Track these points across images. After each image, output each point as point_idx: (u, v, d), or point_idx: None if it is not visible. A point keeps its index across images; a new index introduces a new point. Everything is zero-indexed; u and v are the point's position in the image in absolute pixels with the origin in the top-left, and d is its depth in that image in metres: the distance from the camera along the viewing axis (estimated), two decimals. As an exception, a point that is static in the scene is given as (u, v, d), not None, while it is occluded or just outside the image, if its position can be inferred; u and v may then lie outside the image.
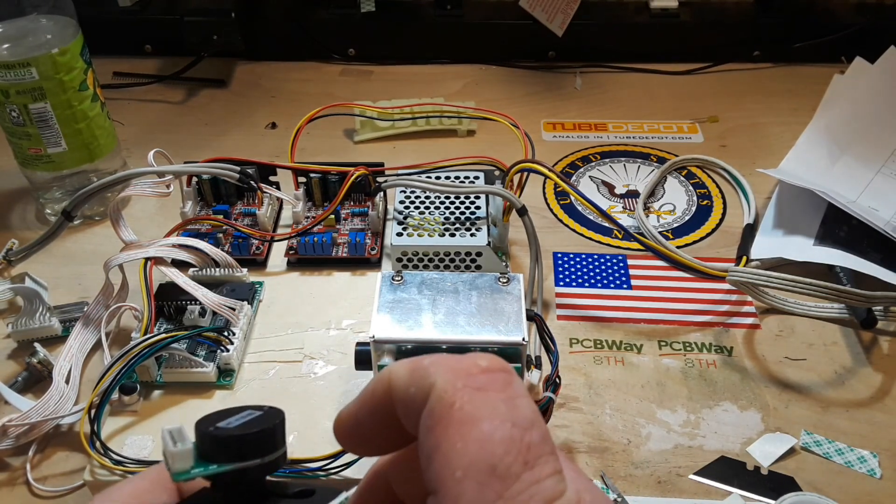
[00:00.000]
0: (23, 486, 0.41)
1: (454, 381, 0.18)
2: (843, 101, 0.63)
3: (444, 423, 0.17)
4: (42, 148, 0.55)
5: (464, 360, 0.18)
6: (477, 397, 0.17)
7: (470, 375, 0.18)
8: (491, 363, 0.18)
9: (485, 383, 0.18)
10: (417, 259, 0.51)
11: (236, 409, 0.20)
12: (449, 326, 0.39)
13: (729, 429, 0.43)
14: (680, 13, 0.79)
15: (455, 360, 0.18)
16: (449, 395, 0.17)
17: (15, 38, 0.52)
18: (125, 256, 0.47)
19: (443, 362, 0.18)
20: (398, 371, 0.19)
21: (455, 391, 0.17)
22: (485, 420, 0.17)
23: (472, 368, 0.18)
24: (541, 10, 0.76)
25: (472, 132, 0.69)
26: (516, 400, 0.17)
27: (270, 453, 0.19)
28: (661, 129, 0.70)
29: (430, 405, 0.18)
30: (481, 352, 0.19)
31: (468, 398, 0.17)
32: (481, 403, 0.17)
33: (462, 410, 0.17)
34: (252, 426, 0.19)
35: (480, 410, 0.17)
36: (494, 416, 0.17)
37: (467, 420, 0.17)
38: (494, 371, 0.18)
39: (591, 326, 0.50)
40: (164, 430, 0.19)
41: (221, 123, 0.71)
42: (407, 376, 0.19)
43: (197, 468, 0.19)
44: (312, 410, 0.43)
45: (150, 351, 0.42)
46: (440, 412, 0.17)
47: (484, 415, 0.17)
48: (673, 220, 0.59)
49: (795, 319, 0.50)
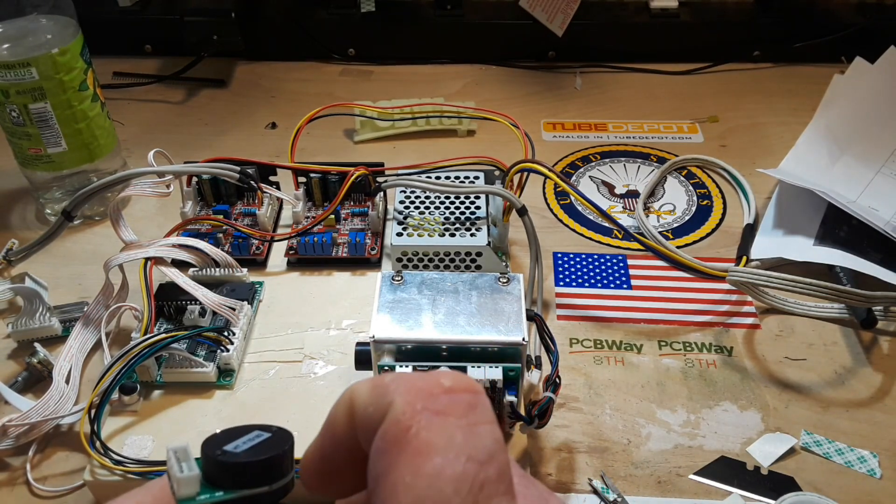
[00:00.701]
0: (23, 486, 0.41)
1: (413, 402, 0.16)
2: (843, 101, 0.62)
3: (396, 449, 0.16)
4: (42, 148, 0.55)
5: (427, 379, 0.17)
6: (434, 423, 0.16)
7: (431, 396, 0.17)
8: (455, 383, 0.17)
9: (446, 406, 0.16)
10: (417, 259, 0.51)
11: (244, 429, 0.19)
12: (449, 326, 0.39)
13: (729, 429, 0.43)
14: (680, 13, 0.79)
15: (418, 378, 0.17)
16: (406, 417, 0.16)
17: (15, 38, 0.52)
18: (125, 256, 0.47)
19: (404, 380, 0.17)
20: (359, 389, 0.18)
21: (413, 413, 0.16)
22: (439, 452, 0.16)
23: (435, 388, 0.17)
24: (541, 10, 0.76)
25: (472, 132, 0.69)
26: (477, 427, 0.16)
27: (278, 480, 0.19)
28: (661, 129, 0.70)
29: (385, 426, 0.16)
30: (446, 370, 0.18)
31: (425, 423, 0.16)
32: (438, 430, 0.16)
33: (417, 437, 0.16)
34: (260, 452, 0.19)
35: (436, 439, 0.16)
36: (450, 447, 0.16)
37: (421, 450, 0.16)
38: (458, 392, 0.17)
39: (591, 326, 0.50)
40: (170, 450, 0.18)
41: (221, 123, 0.71)
42: (366, 395, 0.17)
43: (203, 495, 0.18)
44: (312, 410, 0.43)
45: (150, 351, 0.42)
46: (394, 435, 0.16)
47: (438, 445, 0.16)
48: (673, 220, 0.59)
49: (795, 319, 0.50)
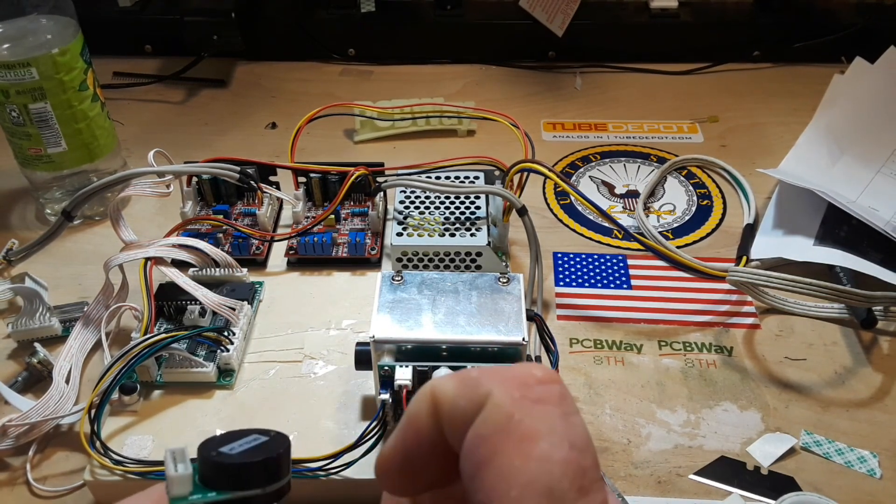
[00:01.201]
0: (23, 486, 0.41)
1: (511, 391, 0.17)
2: (843, 101, 0.62)
3: (500, 436, 0.16)
4: (42, 148, 0.55)
5: (517, 370, 0.17)
6: (536, 411, 0.16)
7: (527, 385, 0.17)
8: (545, 374, 0.17)
9: (542, 395, 0.17)
10: (417, 259, 0.51)
11: (242, 433, 0.20)
12: (449, 326, 0.39)
13: (729, 429, 0.43)
14: (680, 13, 0.79)
15: (508, 370, 0.18)
16: (507, 405, 0.16)
17: (15, 38, 0.52)
18: (125, 256, 0.47)
19: (495, 372, 0.17)
20: (442, 385, 0.18)
21: (513, 402, 0.16)
22: (545, 438, 0.16)
23: (529, 379, 0.17)
24: (541, 10, 0.76)
25: (472, 132, 0.69)
26: (571, 417, 0.17)
27: (273, 483, 0.19)
28: (661, 129, 0.70)
29: (486, 414, 0.17)
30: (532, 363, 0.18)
31: (528, 411, 0.16)
32: (541, 418, 0.16)
33: (521, 424, 0.16)
34: (256, 454, 0.19)
35: (540, 426, 0.16)
36: (554, 434, 0.16)
37: (527, 435, 0.16)
38: (550, 383, 0.17)
39: (591, 326, 0.50)
40: (167, 451, 0.18)
41: (221, 123, 0.71)
42: (454, 389, 0.18)
43: (195, 494, 0.18)
44: (312, 410, 0.43)
45: (150, 351, 0.42)
46: (497, 422, 0.16)
47: (544, 431, 0.16)
48: (673, 220, 0.59)
49: (795, 319, 0.50)
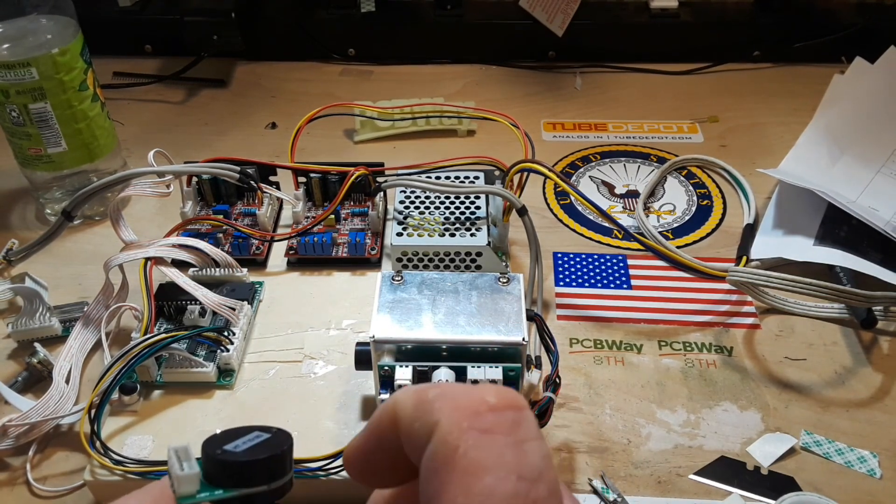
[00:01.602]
0: (23, 486, 0.41)
1: (459, 421, 0.16)
2: (843, 101, 0.63)
3: (446, 470, 0.16)
4: (42, 148, 0.55)
5: (472, 395, 0.17)
6: (483, 442, 0.16)
7: (477, 415, 0.16)
8: (499, 399, 0.17)
9: (492, 424, 0.16)
10: (417, 259, 0.51)
11: (244, 430, 0.20)
12: (449, 326, 0.39)
13: (729, 429, 0.43)
14: (680, 13, 0.79)
15: (462, 395, 0.17)
16: (453, 437, 0.16)
17: (15, 38, 0.52)
18: (125, 256, 0.47)
19: (449, 396, 0.17)
20: (403, 402, 0.18)
21: (460, 433, 0.16)
22: (489, 471, 0.16)
23: (480, 406, 0.17)
24: (541, 10, 0.76)
25: (472, 132, 0.69)
26: (525, 444, 0.16)
27: (277, 479, 0.19)
28: (661, 129, 0.70)
29: (433, 447, 0.16)
30: (488, 383, 0.18)
31: (473, 442, 0.16)
32: (487, 450, 0.16)
33: (466, 457, 0.16)
34: (260, 451, 0.19)
35: (485, 459, 0.16)
36: (500, 466, 0.16)
37: (471, 469, 0.16)
38: (503, 409, 0.17)
39: (591, 326, 0.50)
40: (171, 450, 0.18)
41: (221, 123, 0.71)
42: (412, 409, 0.17)
43: (203, 492, 0.18)
44: (312, 410, 0.43)
45: (150, 351, 0.42)
46: (443, 456, 0.16)
47: (489, 464, 0.16)
48: (673, 220, 0.59)
49: (795, 319, 0.50)
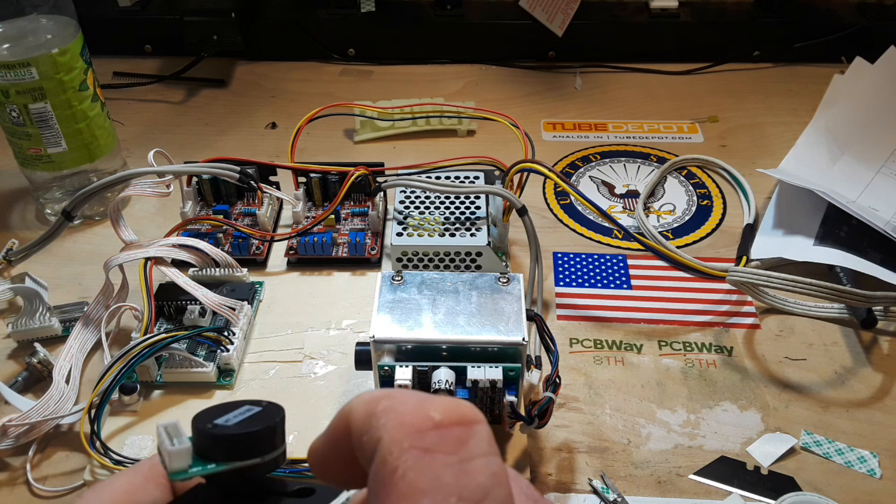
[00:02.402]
0: (23, 486, 0.41)
1: (400, 440, 0.16)
2: (843, 101, 0.63)
3: (385, 492, 0.15)
4: (42, 148, 0.55)
5: (416, 412, 0.16)
6: (421, 463, 0.15)
7: (419, 433, 0.16)
8: (445, 415, 0.16)
9: (434, 443, 0.16)
10: (417, 259, 0.51)
11: (235, 404, 0.20)
12: (449, 326, 0.39)
13: (729, 429, 0.43)
14: (680, 13, 0.79)
15: (407, 411, 0.16)
16: (393, 457, 0.15)
17: (15, 38, 0.52)
18: (125, 256, 0.47)
19: (395, 411, 0.16)
20: (356, 412, 0.17)
21: (400, 453, 0.15)
22: (427, 494, 0.15)
23: (423, 423, 0.16)
24: (541, 10, 0.76)
25: (472, 132, 0.69)
26: (469, 464, 0.15)
27: (270, 452, 0.19)
28: (661, 129, 0.70)
29: (374, 467, 0.16)
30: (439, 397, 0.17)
31: (411, 464, 0.15)
32: (425, 471, 0.15)
33: (403, 480, 0.15)
34: (251, 424, 0.19)
35: (422, 482, 0.15)
36: (437, 489, 0.15)
37: (408, 494, 0.15)
38: (448, 426, 0.16)
39: (591, 326, 0.50)
40: (160, 427, 0.18)
41: (221, 123, 0.71)
42: (361, 421, 0.17)
43: (195, 467, 0.18)
44: (312, 410, 0.43)
45: (150, 351, 0.42)
46: (382, 478, 0.15)
47: (425, 487, 0.15)
48: (673, 220, 0.59)
49: (795, 319, 0.50)
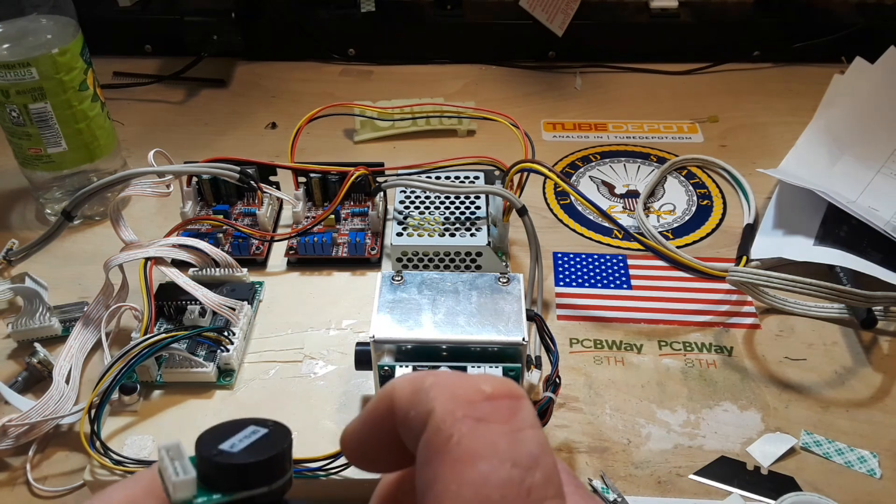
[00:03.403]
0: (23, 486, 0.41)
1: (454, 410, 0.16)
2: (843, 101, 0.62)
3: (439, 459, 0.16)
4: (42, 148, 0.55)
5: (467, 384, 0.17)
6: (476, 430, 0.16)
7: (471, 403, 0.16)
8: (495, 388, 0.17)
9: (487, 413, 0.16)
10: (417, 259, 0.51)
11: (240, 424, 0.19)
12: (449, 326, 0.39)
13: (729, 429, 0.43)
14: (680, 13, 0.79)
15: (458, 384, 0.17)
16: (447, 425, 0.16)
17: (15, 38, 0.52)
18: (125, 256, 0.47)
19: (444, 385, 0.17)
20: (400, 390, 0.18)
21: (454, 422, 0.16)
22: (482, 459, 0.15)
23: (475, 395, 0.16)
24: (541, 10, 0.76)
25: (472, 132, 0.69)
26: (520, 433, 0.16)
27: (278, 479, 0.18)
28: (661, 129, 0.70)
29: (427, 435, 0.16)
30: (486, 373, 0.17)
31: (467, 431, 0.16)
32: (480, 438, 0.16)
33: (459, 446, 0.16)
34: (259, 451, 0.18)
35: (478, 447, 0.16)
36: (493, 454, 0.15)
37: (464, 458, 0.15)
38: (499, 398, 0.16)
39: (591, 326, 0.50)
40: (162, 450, 0.18)
41: (221, 123, 0.71)
42: (408, 397, 0.17)
43: (200, 497, 0.17)
44: (312, 410, 0.43)
45: (150, 351, 0.42)
46: (436, 445, 0.16)
47: (482, 453, 0.15)
48: (673, 220, 0.59)
49: (795, 319, 0.50)
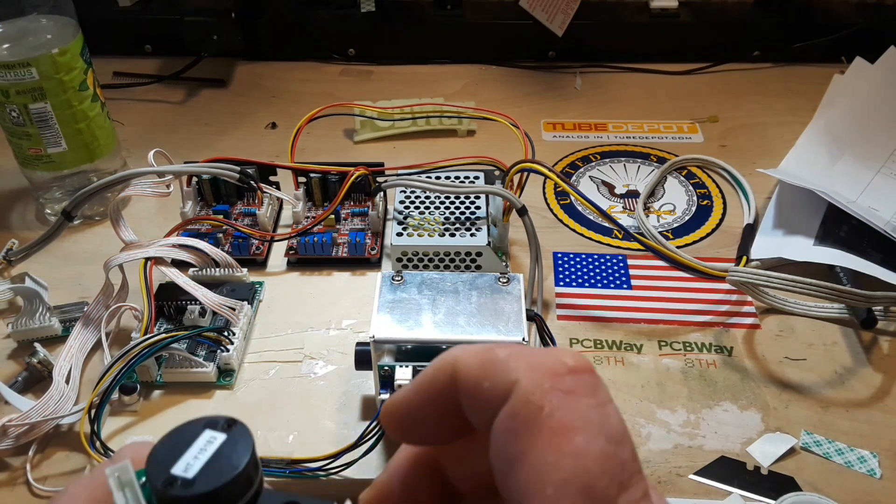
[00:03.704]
0: (23, 486, 0.41)
1: (541, 381, 0.16)
2: (843, 101, 0.62)
3: (532, 430, 0.15)
4: (42, 148, 0.55)
5: (547, 356, 0.17)
6: (568, 403, 0.16)
7: (557, 375, 0.16)
8: (577, 362, 0.16)
9: (574, 386, 0.16)
10: (417, 259, 0.51)
11: (190, 431, 0.17)
12: (449, 326, 0.39)
13: (729, 429, 0.43)
14: (680, 13, 0.79)
15: (537, 356, 0.17)
16: (537, 397, 0.16)
17: (15, 38, 0.52)
18: (125, 256, 0.47)
19: (524, 356, 0.17)
20: (466, 360, 0.17)
21: (543, 393, 0.16)
22: (579, 432, 0.15)
23: (559, 367, 0.16)
24: (541, 10, 0.76)
25: (472, 132, 0.69)
26: (606, 408, 0.16)
27: (247, 492, 0.16)
28: (661, 129, 0.70)
29: (514, 406, 0.16)
30: (562, 348, 0.17)
31: (558, 403, 0.15)
32: (574, 410, 0.15)
33: (552, 417, 0.15)
34: (218, 469, 0.16)
35: (573, 419, 0.15)
36: (588, 427, 0.15)
37: (559, 430, 0.15)
38: (582, 372, 0.16)
39: (591, 326, 0.50)
40: (110, 477, 0.16)
41: (221, 123, 0.71)
42: (478, 368, 0.17)
43: None
44: (312, 410, 0.43)
45: (150, 351, 0.42)
46: (527, 416, 0.15)
47: (577, 425, 0.15)
48: (673, 220, 0.59)
49: (795, 319, 0.50)
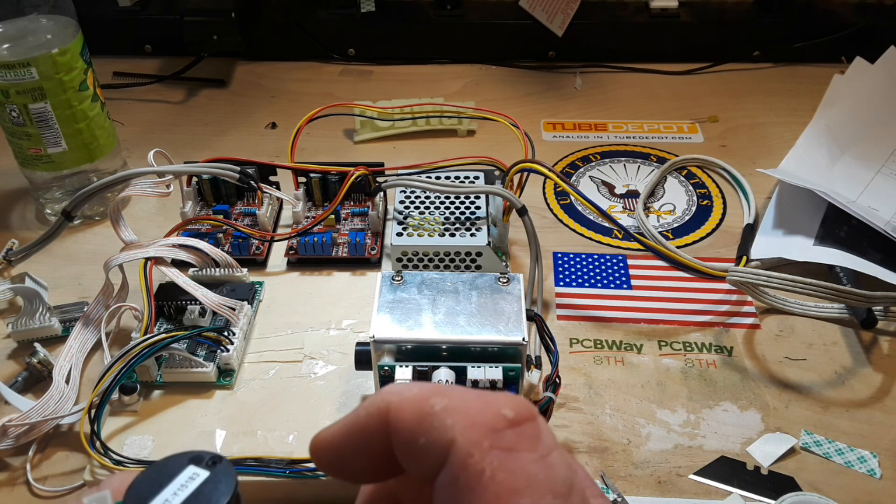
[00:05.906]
0: (23, 486, 0.41)
1: (479, 441, 0.15)
2: (843, 101, 0.63)
3: (473, 496, 0.15)
4: (42, 148, 0.55)
5: (486, 409, 0.16)
6: (509, 462, 0.15)
7: (496, 432, 0.15)
8: (517, 412, 0.16)
9: (515, 441, 0.15)
10: (417, 259, 0.51)
11: (171, 467, 0.16)
12: (449, 326, 0.39)
13: (729, 429, 0.43)
14: (680, 13, 0.79)
15: (475, 409, 0.16)
16: (475, 460, 0.15)
17: (15, 38, 0.52)
18: (125, 256, 0.47)
19: (460, 410, 0.16)
20: (400, 410, 0.16)
21: (482, 455, 0.15)
22: (523, 494, 0.14)
23: (498, 422, 0.15)
24: (541, 10, 0.76)
25: (472, 132, 0.69)
26: (549, 458, 0.15)
27: None
28: (661, 129, 0.70)
29: (453, 471, 0.15)
30: (498, 393, 0.16)
31: (499, 464, 0.15)
32: (516, 471, 0.15)
33: (494, 482, 0.15)
34: None
35: (516, 481, 0.15)
36: (532, 487, 0.15)
37: (503, 495, 0.14)
38: (522, 422, 0.16)
39: (591, 326, 0.50)
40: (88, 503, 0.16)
41: (221, 123, 0.71)
42: (413, 422, 0.16)
43: None
44: (312, 410, 0.43)
45: (150, 351, 0.42)
46: (468, 482, 0.15)
47: (521, 486, 0.15)
48: (673, 220, 0.59)
49: (795, 319, 0.50)
